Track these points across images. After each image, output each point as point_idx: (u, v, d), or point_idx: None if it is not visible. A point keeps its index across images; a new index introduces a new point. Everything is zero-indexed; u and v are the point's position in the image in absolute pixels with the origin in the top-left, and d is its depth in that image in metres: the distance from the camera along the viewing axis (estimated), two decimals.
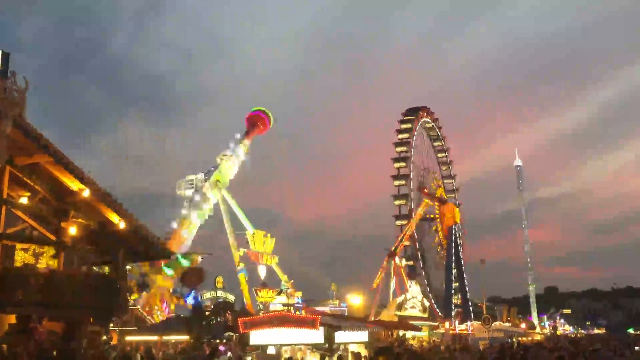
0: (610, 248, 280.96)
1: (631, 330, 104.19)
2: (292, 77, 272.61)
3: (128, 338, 33.28)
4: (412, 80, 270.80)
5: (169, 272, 51.53)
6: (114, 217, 18.01)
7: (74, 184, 17.01)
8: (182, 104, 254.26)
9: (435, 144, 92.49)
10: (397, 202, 77.31)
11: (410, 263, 74.73)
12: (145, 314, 45.94)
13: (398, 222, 76.95)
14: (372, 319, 50.90)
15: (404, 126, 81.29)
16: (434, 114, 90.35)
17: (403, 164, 78.44)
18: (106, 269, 20.67)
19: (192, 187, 59.47)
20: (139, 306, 45.68)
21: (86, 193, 16.90)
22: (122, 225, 17.94)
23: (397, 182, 77.74)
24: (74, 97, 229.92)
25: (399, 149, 79.50)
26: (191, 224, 57.40)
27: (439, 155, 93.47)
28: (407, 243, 74.91)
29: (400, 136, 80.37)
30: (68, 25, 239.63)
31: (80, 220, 18.18)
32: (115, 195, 17.91)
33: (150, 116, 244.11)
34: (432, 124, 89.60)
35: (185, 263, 50.94)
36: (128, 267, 22.01)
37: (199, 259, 53.28)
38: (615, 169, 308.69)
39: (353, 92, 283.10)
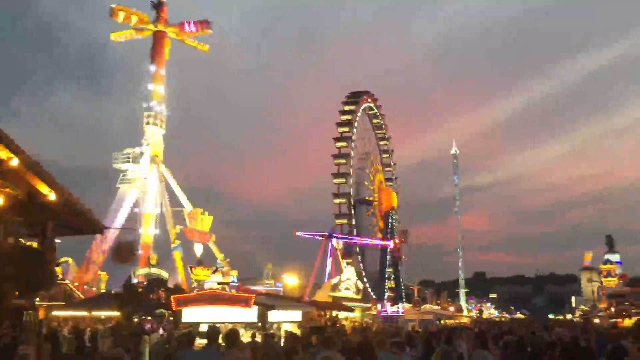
0: (537, 236, 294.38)
1: (551, 315, 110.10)
2: (243, 55, 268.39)
3: (55, 313, 32.40)
4: (358, 65, 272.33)
5: None
6: (44, 188, 17.35)
7: (1, 152, 16.24)
8: (118, 71, 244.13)
9: (377, 131, 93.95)
10: (336, 181, 78.33)
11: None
12: (75, 289, 44.71)
13: (336, 200, 78.09)
14: (307, 299, 51.50)
15: (347, 108, 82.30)
16: (377, 100, 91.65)
17: (344, 144, 79.56)
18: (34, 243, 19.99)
19: (129, 161, 57.96)
20: (67, 281, 44.39)
21: (14, 162, 16.18)
22: (52, 196, 17.32)
23: (337, 161, 78.79)
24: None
25: (341, 129, 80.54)
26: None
27: (381, 142, 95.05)
28: (344, 221, 76.16)
29: (343, 117, 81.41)
30: None
31: (7, 190, 17.42)
32: (45, 165, 17.25)
33: (84, 83, 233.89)
34: (376, 110, 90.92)
35: None
36: (57, 240, 21.30)
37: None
38: (548, 160, 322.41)
39: (302, 75, 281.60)
